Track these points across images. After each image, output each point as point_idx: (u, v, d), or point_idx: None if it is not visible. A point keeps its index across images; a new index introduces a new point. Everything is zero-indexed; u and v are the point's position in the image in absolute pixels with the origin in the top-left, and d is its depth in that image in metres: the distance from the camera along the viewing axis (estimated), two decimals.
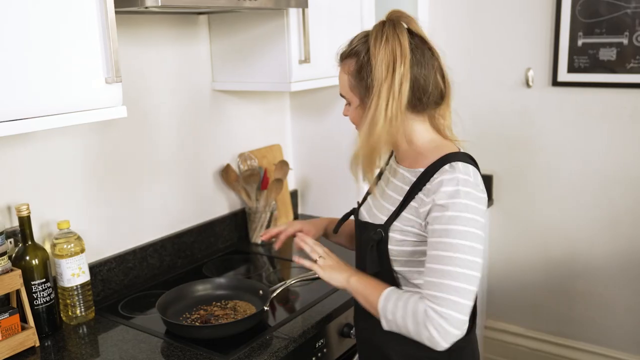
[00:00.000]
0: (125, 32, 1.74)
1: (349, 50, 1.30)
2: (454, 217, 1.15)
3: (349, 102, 1.34)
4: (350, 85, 1.29)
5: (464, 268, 1.13)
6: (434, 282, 1.15)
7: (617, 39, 2.26)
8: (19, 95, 1.16)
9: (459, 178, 1.18)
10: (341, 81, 1.33)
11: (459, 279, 1.13)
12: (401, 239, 1.25)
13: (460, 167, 1.20)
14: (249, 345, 1.45)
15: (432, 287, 1.15)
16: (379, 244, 1.27)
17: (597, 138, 2.39)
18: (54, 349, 1.48)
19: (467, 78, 2.57)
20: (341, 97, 1.35)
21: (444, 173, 1.20)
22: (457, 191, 1.16)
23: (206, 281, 1.73)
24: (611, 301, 2.49)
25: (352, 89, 1.29)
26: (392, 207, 1.29)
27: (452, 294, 1.13)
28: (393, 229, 1.26)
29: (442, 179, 1.19)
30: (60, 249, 1.56)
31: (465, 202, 1.16)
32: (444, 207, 1.16)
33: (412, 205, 1.24)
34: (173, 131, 1.97)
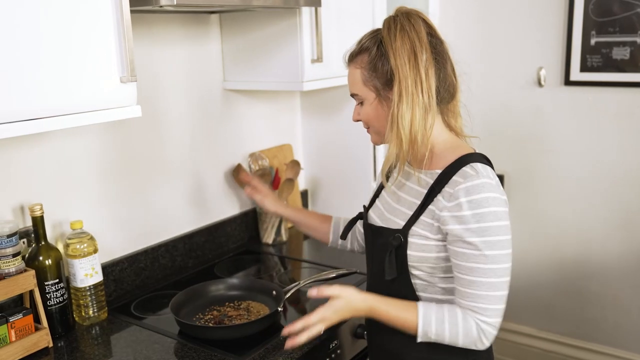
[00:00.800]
0: (137, 31, 1.73)
1: (358, 48, 1.28)
2: (487, 228, 1.15)
3: (360, 102, 1.30)
4: (364, 79, 1.25)
5: (504, 277, 1.18)
6: (480, 294, 1.17)
7: (631, 38, 2.24)
8: (33, 94, 1.15)
9: (485, 184, 1.16)
10: (352, 78, 1.29)
11: (501, 289, 1.18)
12: (422, 244, 1.23)
13: (481, 169, 1.19)
14: (263, 346, 1.44)
15: (479, 299, 1.17)
16: (398, 249, 1.25)
17: (610, 138, 2.37)
18: (67, 349, 1.48)
19: (479, 77, 2.56)
20: (353, 97, 1.31)
21: (467, 177, 1.17)
22: (486, 199, 1.15)
23: (219, 282, 1.72)
24: (625, 302, 2.47)
25: (366, 83, 1.25)
26: (409, 211, 1.26)
27: (498, 303, 1.18)
28: (412, 233, 1.23)
29: (467, 186, 1.16)
30: (74, 249, 1.55)
31: (494, 209, 1.15)
32: (475, 218, 1.15)
33: (430, 208, 1.22)
34: (184, 130, 1.96)
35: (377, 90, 1.25)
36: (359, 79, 1.27)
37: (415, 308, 1.21)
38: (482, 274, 1.15)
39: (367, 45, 1.25)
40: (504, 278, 1.17)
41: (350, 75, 1.30)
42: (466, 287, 1.18)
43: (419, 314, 1.20)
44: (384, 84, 1.23)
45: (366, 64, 1.25)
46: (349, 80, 1.31)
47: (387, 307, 1.23)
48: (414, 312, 1.20)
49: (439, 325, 1.19)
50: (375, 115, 1.28)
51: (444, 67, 1.23)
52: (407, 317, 1.21)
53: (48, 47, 1.16)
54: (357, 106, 1.32)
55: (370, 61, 1.24)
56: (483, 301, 1.16)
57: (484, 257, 1.15)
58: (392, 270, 1.25)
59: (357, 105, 1.32)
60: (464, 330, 1.18)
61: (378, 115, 1.27)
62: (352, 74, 1.29)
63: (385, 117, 1.25)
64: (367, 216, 1.42)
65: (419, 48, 1.18)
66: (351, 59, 1.30)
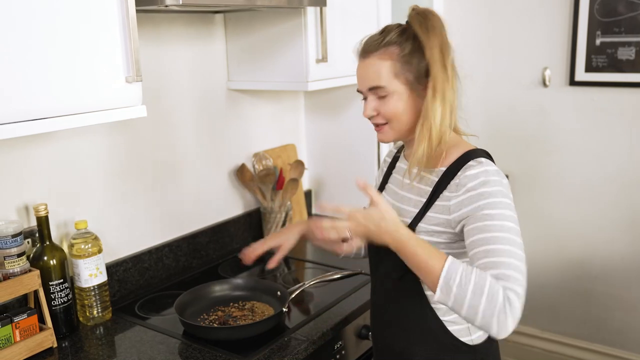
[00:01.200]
0: (142, 31, 1.73)
1: (385, 39, 1.23)
2: (496, 202, 1.14)
3: (382, 95, 1.23)
4: (396, 71, 1.21)
5: (519, 249, 1.10)
6: (502, 261, 1.07)
7: (636, 38, 2.23)
8: (39, 94, 1.15)
9: (488, 170, 1.18)
10: (378, 70, 1.22)
11: (520, 259, 1.09)
12: (428, 240, 1.22)
13: (484, 162, 1.21)
14: (268, 347, 1.43)
15: (501, 266, 1.06)
16: None
17: (615, 138, 2.36)
18: (71, 350, 1.48)
19: (484, 76, 2.55)
20: (371, 90, 1.24)
21: (471, 168, 1.19)
22: (492, 181, 1.16)
23: (223, 282, 1.72)
24: (630, 303, 2.46)
25: (398, 76, 1.22)
26: (414, 209, 1.26)
27: (519, 273, 1.07)
28: (419, 230, 1.23)
29: (472, 173, 1.17)
30: (78, 249, 1.55)
31: (500, 189, 1.16)
32: (484, 196, 1.15)
33: (437, 204, 1.22)
34: (188, 130, 1.96)
35: (409, 83, 1.22)
36: (388, 70, 1.22)
37: (444, 255, 1.10)
38: (498, 241, 1.09)
39: (397, 40, 1.22)
40: (519, 251, 1.09)
41: (372, 67, 1.23)
42: (484, 258, 1.09)
43: (447, 260, 1.08)
44: (416, 79, 1.22)
45: (397, 57, 1.21)
46: (368, 73, 1.24)
47: (417, 244, 1.12)
48: (442, 257, 1.09)
49: (464, 276, 1.05)
50: (404, 109, 1.24)
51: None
52: (434, 259, 1.09)
53: (54, 47, 1.16)
54: (374, 101, 1.25)
55: (404, 55, 1.21)
56: (505, 268, 1.06)
57: (498, 226, 1.11)
58: (400, 268, 1.24)
59: (371, 99, 1.26)
60: (489, 291, 1.03)
61: (407, 110, 1.24)
62: (378, 65, 1.23)
63: (414, 112, 1.24)
64: None
65: (446, 47, 1.20)
66: (376, 48, 1.23)
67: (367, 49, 1.25)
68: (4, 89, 1.09)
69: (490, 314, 1.03)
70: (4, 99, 1.10)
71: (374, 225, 1.15)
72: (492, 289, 1.04)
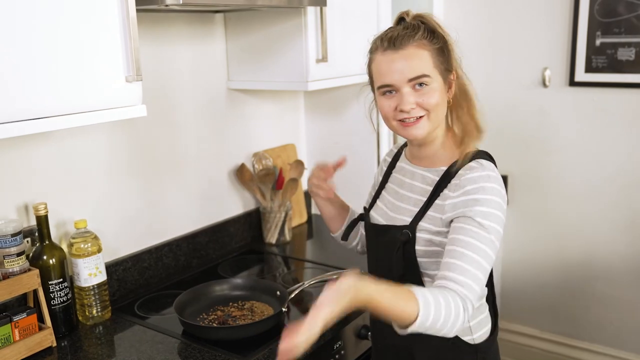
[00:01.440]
0: (142, 31, 1.72)
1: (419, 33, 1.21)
2: (490, 213, 1.16)
3: (424, 83, 1.20)
4: (434, 62, 1.22)
5: (489, 264, 1.17)
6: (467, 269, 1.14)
7: (636, 39, 2.23)
8: (38, 94, 1.15)
9: (490, 175, 1.19)
10: (419, 59, 1.20)
11: (485, 274, 1.16)
12: (429, 239, 1.23)
13: (486, 164, 1.21)
14: (267, 347, 1.43)
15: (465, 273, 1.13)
16: (405, 245, 1.25)
17: (615, 139, 2.36)
18: (70, 349, 1.48)
19: (484, 77, 2.55)
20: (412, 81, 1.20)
21: (472, 170, 1.19)
22: (492, 188, 1.18)
23: (223, 281, 1.72)
24: (629, 304, 2.46)
25: (437, 66, 1.22)
26: (415, 207, 1.27)
27: (478, 286, 1.15)
28: (420, 229, 1.24)
29: (473, 176, 1.18)
30: (78, 248, 1.55)
31: (497, 200, 1.18)
32: (478, 202, 1.16)
33: (437, 203, 1.23)
34: (188, 130, 1.96)
35: (443, 75, 1.24)
36: (429, 60, 1.21)
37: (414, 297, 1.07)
38: (476, 251, 1.14)
39: (426, 35, 1.22)
40: (488, 265, 1.16)
41: (414, 56, 1.20)
42: (457, 259, 1.15)
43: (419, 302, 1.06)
44: (446, 73, 1.24)
45: (433, 49, 1.22)
46: (412, 62, 1.20)
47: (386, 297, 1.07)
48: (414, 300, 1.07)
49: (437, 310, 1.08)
50: (442, 100, 1.24)
51: None
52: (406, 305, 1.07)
53: (54, 46, 1.16)
54: (412, 93, 1.21)
55: (437, 48, 1.22)
56: (470, 277, 1.14)
57: (483, 237, 1.15)
58: (400, 267, 1.25)
59: (409, 91, 1.21)
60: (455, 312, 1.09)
61: (442, 103, 1.24)
62: (419, 54, 1.20)
63: (444, 103, 1.26)
64: (369, 217, 1.41)
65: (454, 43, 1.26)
66: (409, 40, 1.21)
67: (400, 40, 1.21)
68: (4, 88, 1.09)
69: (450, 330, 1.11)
70: (4, 98, 1.09)
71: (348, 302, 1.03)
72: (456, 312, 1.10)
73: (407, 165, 1.35)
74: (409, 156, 1.38)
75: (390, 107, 1.24)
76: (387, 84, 1.22)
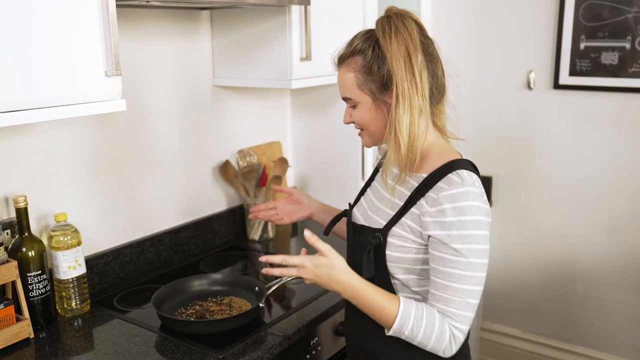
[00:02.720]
0: (128, 26, 1.74)
1: (351, 50, 1.24)
2: (469, 235, 1.14)
3: (353, 105, 1.26)
4: (359, 83, 1.22)
5: (477, 285, 1.17)
6: (454, 300, 1.16)
7: (620, 43, 2.25)
8: (17, 86, 1.16)
9: (470, 192, 1.16)
10: (345, 82, 1.25)
11: (475, 297, 1.18)
12: (400, 245, 1.23)
13: (467, 177, 1.18)
14: (243, 342, 1.45)
15: (452, 304, 1.17)
16: (377, 248, 1.24)
17: (598, 142, 2.39)
18: (48, 341, 1.49)
19: (469, 79, 2.57)
20: (344, 100, 1.28)
21: (452, 184, 1.16)
22: (470, 207, 1.15)
23: (202, 277, 1.73)
24: (610, 306, 2.49)
25: (361, 87, 1.22)
26: (391, 211, 1.26)
27: (469, 311, 1.18)
28: (392, 234, 1.23)
29: (451, 193, 1.15)
30: (57, 241, 1.56)
31: (477, 218, 1.15)
32: (457, 225, 1.14)
33: (412, 211, 1.21)
34: (173, 126, 1.97)
35: (373, 93, 1.22)
36: (352, 82, 1.23)
37: (397, 300, 1.19)
38: (459, 280, 1.15)
39: (361, 47, 1.22)
40: (478, 287, 1.17)
41: (341, 79, 1.26)
42: (441, 291, 1.17)
43: (400, 305, 1.18)
44: (380, 87, 1.21)
45: (360, 67, 1.22)
46: (340, 84, 1.27)
47: (369, 294, 1.19)
48: (395, 302, 1.18)
49: (416, 321, 1.17)
50: (371, 118, 1.25)
51: (436, 68, 1.23)
52: (386, 308, 1.18)
53: (32, 39, 1.17)
54: (349, 109, 1.29)
55: (365, 64, 1.21)
56: (456, 307, 1.16)
57: (463, 264, 1.15)
58: (370, 269, 1.25)
59: (348, 107, 1.29)
60: (438, 332, 1.17)
61: (374, 119, 1.25)
62: (344, 77, 1.25)
63: (381, 121, 1.24)
64: (351, 214, 1.42)
65: (413, 50, 1.17)
66: (342, 61, 1.26)
67: (338, 60, 1.28)
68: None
69: (437, 349, 1.18)
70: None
71: (324, 274, 1.21)
72: (441, 329, 1.17)
73: (393, 167, 1.33)
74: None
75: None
76: None
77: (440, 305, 1.18)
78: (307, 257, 1.22)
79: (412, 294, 1.26)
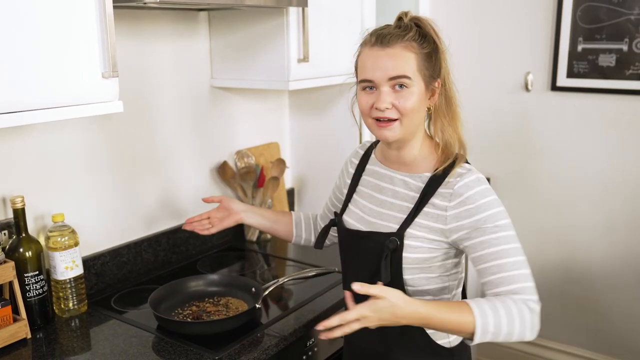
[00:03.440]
0: (125, 27, 1.74)
1: (409, 34, 1.20)
2: (498, 212, 1.19)
3: (403, 86, 1.19)
4: (419, 66, 1.20)
5: (524, 255, 1.20)
6: (514, 275, 1.16)
7: (617, 45, 2.26)
8: (14, 87, 1.16)
9: (480, 178, 1.22)
10: (404, 60, 1.19)
11: (527, 266, 1.19)
12: (416, 246, 1.22)
13: (471, 167, 1.24)
14: (239, 342, 1.45)
15: (516, 280, 1.16)
16: (394, 252, 1.23)
17: (595, 144, 2.39)
18: (45, 341, 1.49)
19: (467, 80, 2.57)
20: (393, 80, 1.19)
21: (462, 176, 1.21)
22: (486, 190, 1.20)
23: (199, 277, 1.73)
24: (606, 308, 2.49)
25: (421, 71, 1.20)
26: (401, 214, 1.25)
27: (531, 280, 1.18)
28: (408, 236, 1.23)
29: (466, 182, 1.20)
30: (54, 241, 1.56)
31: (495, 198, 1.21)
32: (484, 207, 1.19)
33: (427, 211, 1.22)
34: (170, 127, 1.97)
35: (426, 81, 1.22)
36: (413, 63, 1.19)
37: (467, 305, 1.13)
38: (508, 254, 1.17)
39: (416, 37, 1.20)
40: (524, 256, 1.19)
41: (399, 56, 1.19)
42: (497, 273, 1.17)
43: (473, 309, 1.12)
44: (431, 78, 1.23)
45: (421, 53, 1.20)
46: (393, 62, 1.19)
47: (440, 313, 1.13)
48: (467, 308, 1.13)
49: (495, 314, 1.12)
50: (418, 106, 1.21)
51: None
52: (462, 316, 1.12)
53: (30, 41, 1.17)
54: (392, 92, 1.20)
55: (426, 52, 1.21)
56: (519, 281, 1.17)
57: (505, 238, 1.18)
58: (387, 274, 1.23)
59: (387, 91, 1.20)
60: (519, 315, 1.14)
61: (420, 108, 1.22)
62: (404, 55, 1.19)
63: (421, 112, 1.24)
64: (341, 222, 1.39)
65: (446, 51, 1.25)
66: (398, 40, 1.20)
67: (388, 38, 1.20)
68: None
69: (523, 331, 1.16)
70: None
71: (388, 316, 1.11)
72: (521, 314, 1.14)
73: (382, 169, 1.33)
74: (381, 159, 1.36)
75: (368, 104, 1.22)
76: (368, 79, 1.21)
77: (504, 288, 1.16)
78: (364, 306, 1.10)
79: (420, 294, 1.26)
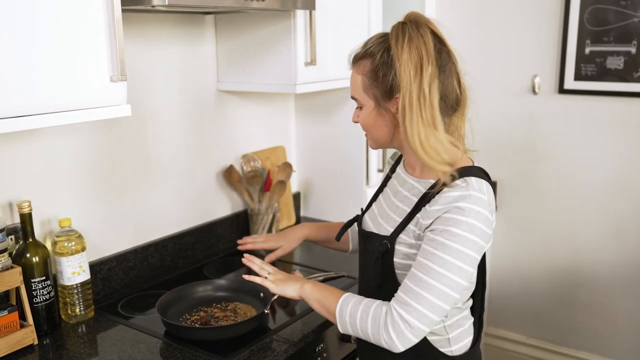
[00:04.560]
0: (131, 31, 1.73)
1: (363, 52, 1.24)
2: (457, 234, 1.11)
3: (360, 106, 1.28)
4: (365, 86, 1.23)
5: (446, 287, 1.11)
6: (413, 289, 1.13)
7: (625, 48, 2.24)
8: (23, 92, 1.15)
9: (473, 196, 1.13)
10: (353, 83, 1.27)
11: (439, 297, 1.12)
12: (407, 252, 1.21)
13: (474, 183, 1.15)
14: (248, 348, 1.44)
15: (408, 293, 1.13)
16: (384, 256, 1.23)
17: (603, 146, 2.38)
18: (52, 347, 1.48)
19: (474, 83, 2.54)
20: (353, 99, 1.30)
21: (456, 188, 1.14)
22: (470, 210, 1.11)
23: (207, 282, 1.72)
24: (614, 312, 2.47)
25: (367, 90, 1.23)
26: (399, 218, 1.25)
27: (426, 307, 1.12)
28: (399, 241, 1.22)
29: (452, 195, 1.13)
30: (61, 246, 1.55)
31: (473, 223, 1.11)
32: (449, 222, 1.11)
33: (417, 216, 1.20)
34: (177, 131, 1.96)
35: (376, 99, 1.22)
36: (359, 84, 1.24)
37: (342, 293, 1.26)
38: (428, 273, 1.11)
39: (372, 51, 1.22)
40: (448, 289, 1.11)
41: (352, 79, 1.28)
42: (407, 279, 1.15)
43: (342, 296, 1.24)
44: (384, 94, 1.20)
45: (368, 72, 1.22)
46: (350, 83, 1.29)
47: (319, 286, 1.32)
48: (339, 295, 1.25)
49: (355, 307, 1.20)
50: (372, 123, 1.26)
51: (448, 79, 1.20)
52: (329, 297, 1.27)
53: (37, 44, 1.16)
54: (357, 109, 1.30)
55: (372, 69, 1.21)
56: (412, 297, 1.12)
57: (438, 258, 1.11)
58: (377, 277, 1.24)
59: (357, 108, 1.30)
60: (373, 316, 1.17)
61: (375, 124, 1.26)
62: (354, 78, 1.26)
63: (383, 127, 1.25)
64: (361, 220, 1.41)
65: (425, 61, 1.13)
66: (355, 61, 1.27)
67: (352, 59, 1.28)
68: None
69: (376, 332, 1.16)
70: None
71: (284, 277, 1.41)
72: (376, 311, 1.17)
73: (402, 173, 1.33)
74: (405, 162, 1.36)
75: None
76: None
77: (398, 292, 1.16)
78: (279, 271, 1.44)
79: None
